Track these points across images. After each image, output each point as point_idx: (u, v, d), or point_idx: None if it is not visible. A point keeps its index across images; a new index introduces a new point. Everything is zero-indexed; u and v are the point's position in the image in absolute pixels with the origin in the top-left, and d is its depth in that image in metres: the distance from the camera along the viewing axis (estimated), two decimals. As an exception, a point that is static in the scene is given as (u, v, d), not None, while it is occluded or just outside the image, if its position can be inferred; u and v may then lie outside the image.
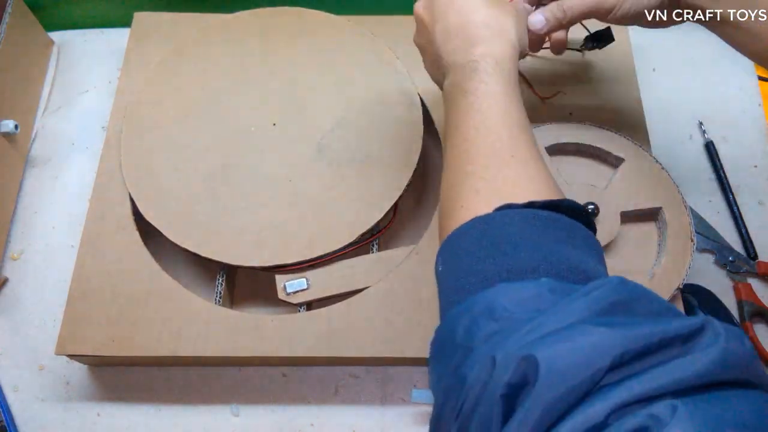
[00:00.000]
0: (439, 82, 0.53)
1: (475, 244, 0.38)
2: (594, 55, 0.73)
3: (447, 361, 0.34)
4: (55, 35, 0.85)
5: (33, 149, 0.77)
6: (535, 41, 0.56)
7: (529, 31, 0.54)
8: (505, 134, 0.44)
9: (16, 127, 0.72)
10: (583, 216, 0.41)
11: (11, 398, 0.64)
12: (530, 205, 0.39)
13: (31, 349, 0.66)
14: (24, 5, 0.79)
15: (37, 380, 0.65)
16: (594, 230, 0.42)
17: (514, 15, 0.51)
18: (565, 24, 0.55)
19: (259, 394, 0.64)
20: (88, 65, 0.83)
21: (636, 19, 0.54)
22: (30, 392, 0.64)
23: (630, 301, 0.31)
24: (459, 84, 0.48)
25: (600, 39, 0.66)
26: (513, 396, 0.29)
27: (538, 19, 0.54)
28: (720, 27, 0.52)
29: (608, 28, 0.66)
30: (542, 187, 0.42)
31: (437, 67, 0.52)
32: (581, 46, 0.69)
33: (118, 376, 0.65)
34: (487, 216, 0.39)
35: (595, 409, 0.27)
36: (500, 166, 0.42)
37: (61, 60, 0.84)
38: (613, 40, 0.66)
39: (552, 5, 0.55)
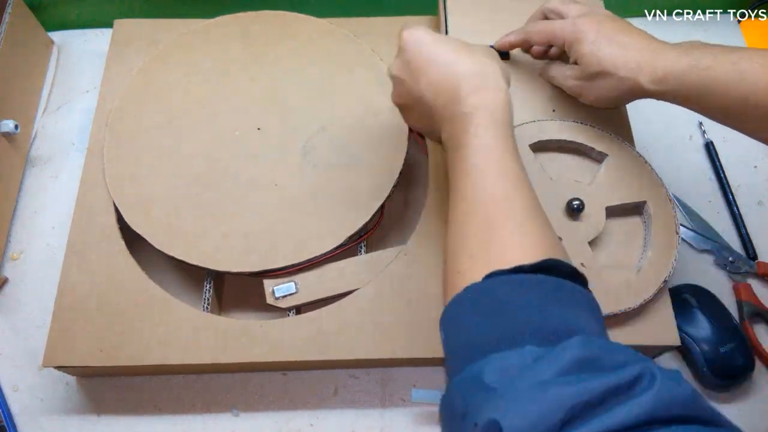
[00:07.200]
0: (434, 135, 0.54)
1: (468, 313, 0.40)
2: None
3: (449, 426, 0.37)
4: (55, 35, 0.86)
5: (33, 149, 0.78)
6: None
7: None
8: (500, 193, 0.44)
9: (16, 127, 0.72)
10: (571, 273, 0.42)
11: (11, 398, 0.64)
12: (518, 269, 0.40)
13: (31, 349, 0.66)
14: (24, 5, 0.79)
15: (37, 380, 0.65)
16: (585, 282, 0.42)
17: (496, 57, 0.50)
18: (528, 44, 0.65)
19: (258, 395, 0.64)
20: (88, 65, 0.84)
21: None
22: (30, 392, 0.65)
23: (592, 357, 0.33)
24: (454, 137, 0.48)
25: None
26: None
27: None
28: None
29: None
30: (536, 246, 0.42)
31: (431, 122, 0.52)
32: None
33: (118, 377, 0.65)
34: (477, 285, 0.40)
35: None
36: (495, 228, 0.43)
37: (61, 60, 0.84)
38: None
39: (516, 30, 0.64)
